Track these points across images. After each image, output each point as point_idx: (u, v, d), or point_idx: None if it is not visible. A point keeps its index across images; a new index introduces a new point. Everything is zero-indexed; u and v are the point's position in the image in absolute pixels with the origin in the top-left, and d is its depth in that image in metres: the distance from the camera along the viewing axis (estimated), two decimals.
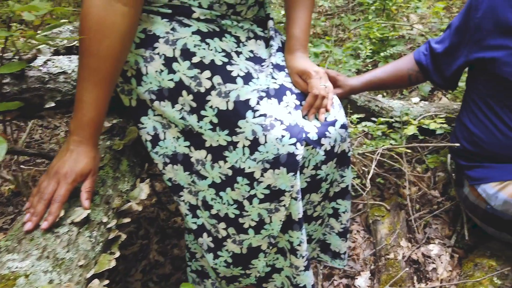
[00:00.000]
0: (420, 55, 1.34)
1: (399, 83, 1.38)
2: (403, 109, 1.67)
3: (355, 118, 1.37)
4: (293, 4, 1.00)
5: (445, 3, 1.94)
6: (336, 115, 0.96)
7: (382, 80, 1.35)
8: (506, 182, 1.13)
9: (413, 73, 1.34)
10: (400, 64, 1.37)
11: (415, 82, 1.38)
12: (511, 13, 1.12)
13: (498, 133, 1.16)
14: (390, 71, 1.36)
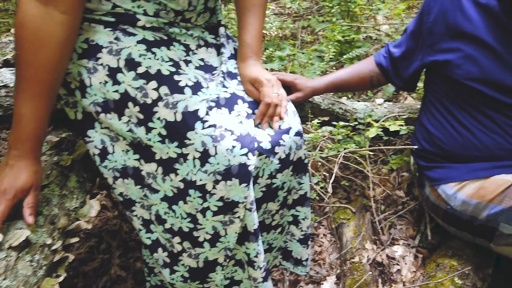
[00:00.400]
0: (381, 57, 1.35)
1: (361, 84, 1.38)
2: (367, 111, 1.67)
3: (316, 123, 1.35)
4: (244, 11, 0.98)
5: (407, 4, 1.97)
6: (290, 122, 0.95)
7: (344, 82, 1.36)
8: (464, 182, 1.15)
9: (374, 75, 1.35)
10: (362, 66, 1.38)
11: (377, 84, 1.39)
12: (460, 17, 1.13)
13: (455, 133, 1.17)
14: (352, 73, 1.37)
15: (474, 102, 1.13)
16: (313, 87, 1.29)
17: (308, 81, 1.31)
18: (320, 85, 1.31)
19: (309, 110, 1.50)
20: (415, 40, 1.25)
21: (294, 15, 3.35)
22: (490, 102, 1.11)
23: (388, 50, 1.33)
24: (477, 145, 1.13)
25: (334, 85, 1.34)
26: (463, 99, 1.15)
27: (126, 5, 0.87)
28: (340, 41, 2.06)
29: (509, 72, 1.08)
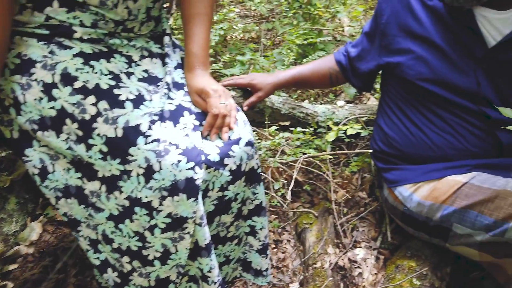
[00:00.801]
0: (340, 56, 1.36)
1: (321, 81, 1.39)
2: (328, 114, 1.67)
3: (273, 130, 1.34)
4: (189, 20, 0.95)
5: (364, 6, 1.99)
6: (240, 132, 0.93)
7: (305, 77, 1.37)
8: (419, 184, 1.16)
9: (333, 72, 1.36)
10: (323, 63, 1.39)
11: (336, 82, 1.40)
12: (411, 18, 1.15)
13: (409, 134, 1.18)
14: (312, 69, 1.38)
15: (426, 103, 1.15)
16: (273, 83, 1.30)
17: (268, 77, 1.32)
18: (280, 79, 1.33)
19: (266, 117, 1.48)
20: (371, 41, 1.27)
21: (259, 18, 3.34)
22: (442, 102, 1.12)
23: (347, 48, 1.34)
24: (430, 145, 1.15)
25: (294, 80, 1.35)
26: (416, 100, 1.17)
27: (61, 17, 0.83)
28: (302, 44, 2.06)
29: (458, 72, 1.10)
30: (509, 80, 1.07)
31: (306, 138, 1.52)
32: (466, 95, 1.10)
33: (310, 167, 1.55)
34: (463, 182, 1.07)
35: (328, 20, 2.02)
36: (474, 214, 1.02)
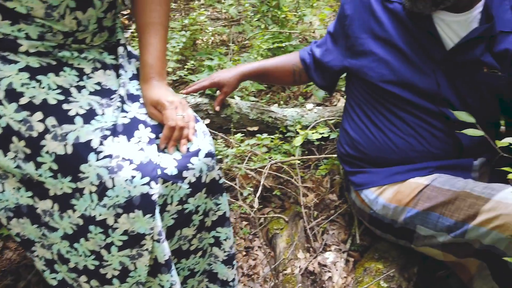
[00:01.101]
0: (305, 54, 1.37)
1: (284, 77, 1.40)
2: (296, 118, 1.67)
3: (239, 137, 1.33)
4: (143, 30, 0.93)
5: (331, 9, 2.00)
6: (200, 144, 0.91)
7: (269, 71, 1.39)
8: (384, 187, 1.17)
9: (297, 69, 1.38)
10: (287, 59, 1.41)
11: (299, 80, 1.41)
12: (373, 21, 1.16)
13: (372, 137, 1.19)
14: (277, 63, 1.40)
15: (389, 105, 1.16)
16: (236, 76, 1.35)
17: (230, 71, 1.36)
18: (243, 71, 1.37)
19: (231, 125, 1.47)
20: (335, 42, 1.28)
21: (230, 20, 3.32)
22: (403, 104, 1.14)
23: (312, 48, 1.36)
24: (393, 148, 1.16)
25: (257, 73, 1.38)
26: (379, 102, 1.18)
27: (4, 30, 0.79)
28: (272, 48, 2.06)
29: (418, 73, 1.11)
30: (467, 81, 1.09)
31: (275, 143, 1.51)
32: (427, 96, 1.11)
33: (279, 172, 1.55)
34: (425, 184, 1.08)
35: (297, 23, 2.02)
36: (436, 216, 1.03)
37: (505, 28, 1.06)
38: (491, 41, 1.06)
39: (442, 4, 1.05)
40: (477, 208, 0.95)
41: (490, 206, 0.93)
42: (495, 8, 1.06)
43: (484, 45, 1.06)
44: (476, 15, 1.08)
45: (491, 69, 1.06)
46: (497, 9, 1.06)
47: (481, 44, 1.06)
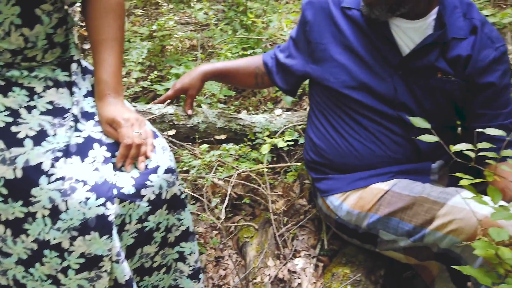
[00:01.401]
0: (268, 57, 1.38)
1: (246, 79, 1.42)
2: (264, 124, 1.68)
3: (204, 148, 1.33)
4: (97, 46, 0.91)
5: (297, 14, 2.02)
6: (159, 160, 0.90)
7: (230, 72, 1.41)
8: (347, 193, 1.19)
9: (259, 73, 1.39)
10: (250, 62, 1.42)
11: (261, 83, 1.42)
12: (332, 27, 1.18)
13: (335, 143, 1.21)
14: (240, 65, 1.42)
15: (349, 111, 1.18)
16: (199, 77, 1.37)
17: (190, 74, 1.39)
18: (206, 71, 1.39)
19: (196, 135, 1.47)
20: (296, 48, 1.29)
21: (201, 25, 3.30)
22: (363, 109, 1.16)
23: (275, 52, 1.37)
24: (355, 154, 1.18)
25: (220, 73, 1.40)
26: (340, 108, 1.20)
27: None
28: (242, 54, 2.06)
29: (376, 78, 1.14)
30: (423, 86, 1.12)
31: (243, 151, 1.51)
32: (385, 101, 1.14)
33: (248, 179, 1.55)
34: (385, 190, 1.11)
35: (265, 28, 2.03)
36: (396, 221, 1.06)
37: (457, 34, 1.09)
38: (445, 47, 1.09)
39: (397, 11, 1.08)
40: (433, 213, 0.98)
41: (445, 211, 0.96)
42: (447, 16, 1.09)
43: (438, 51, 1.10)
44: (430, 22, 1.11)
45: (445, 74, 1.10)
46: (449, 17, 1.09)
47: (435, 50, 1.09)
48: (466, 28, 1.09)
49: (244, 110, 2.23)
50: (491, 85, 1.08)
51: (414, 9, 1.09)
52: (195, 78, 1.38)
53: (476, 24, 1.09)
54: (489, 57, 1.07)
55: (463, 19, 1.10)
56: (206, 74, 1.39)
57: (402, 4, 1.06)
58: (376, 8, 1.07)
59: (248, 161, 1.58)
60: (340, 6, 1.18)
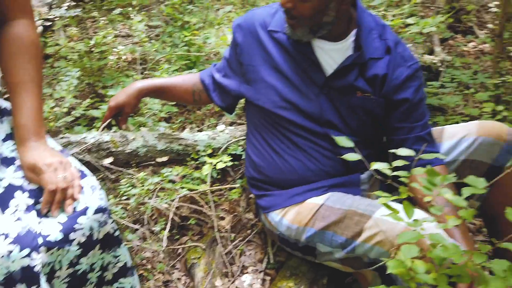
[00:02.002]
0: (205, 75, 1.40)
1: (184, 96, 1.43)
2: (207, 142, 1.69)
3: (142, 176, 1.32)
4: (14, 90, 0.88)
5: None
6: (87, 201, 0.89)
7: (169, 88, 1.41)
8: (286, 209, 1.23)
9: (197, 90, 1.41)
10: (188, 79, 1.44)
11: (199, 99, 1.44)
12: (260, 49, 1.22)
13: (272, 160, 1.25)
14: (177, 82, 1.43)
15: (282, 129, 1.22)
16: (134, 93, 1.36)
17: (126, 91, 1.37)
18: (142, 87, 1.37)
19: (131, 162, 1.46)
20: (230, 68, 1.32)
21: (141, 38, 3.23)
22: (294, 127, 1.20)
23: (212, 70, 1.39)
24: (290, 169, 1.22)
25: (157, 89, 1.40)
26: (273, 127, 1.24)
27: None
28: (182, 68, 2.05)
29: (304, 98, 1.19)
30: (346, 104, 1.19)
31: (185, 172, 1.52)
32: (313, 119, 1.19)
33: (193, 200, 1.55)
34: (319, 204, 1.16)
35: (205, 43, 2.04)
36: (330, 234, 1.11)
37: (374, 54, 1.16)
38: (363, 67, 1.16)
39: (318, 32, 1.13)
40: (362, 226, 1.04)
41: (372, 223, 1.02)
42: (364, 37, 1.16)
43: (357, 71, 1.16)
44: (350, 43, 1.17)
45: (364, 93, 1.17)
46: (366, 38, 1.16)
47: (354, 70, 1.16)
48: (382, 48, 1.16)
49: (189, 125, 2.23)
50: (406, 100, 1.16)
51: (333, 31, 1.15)
52: (130, 95, 1.36)
53: (390, 44, 1.16)
54: (403, 75, 1.15)
55: (379, 40, 1.17)
56: (142, 91, 1.38)
57: (322, 26, 1.11)
58: (298, 30, 1.12)
59: (192, 181, 1.58)
60: (267, 29, 1.22)
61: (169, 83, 1.42)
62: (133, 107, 1.39)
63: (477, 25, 3.39)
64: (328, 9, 1.08)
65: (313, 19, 1.09)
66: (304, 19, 1.09)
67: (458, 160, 1.24)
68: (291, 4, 1.08)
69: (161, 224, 1.40)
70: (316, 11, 1.08)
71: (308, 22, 1.10)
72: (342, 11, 1.12)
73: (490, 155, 1.21)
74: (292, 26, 1.13)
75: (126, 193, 1.29)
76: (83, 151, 1.26)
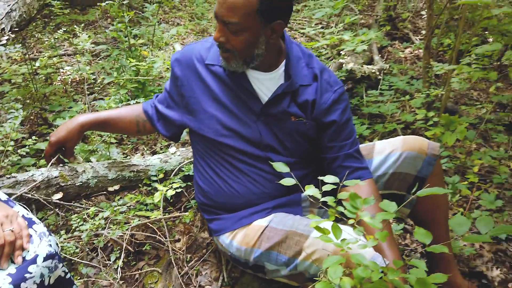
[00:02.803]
0: (148, 106, 1.45)
1: (128, 127, 1.47)
2: (159, 166, 1.74)
3: (92, 211, 1.35)
4: None
5: None
6: (37, 249, 0.92)
7: (112, 120, 1.44)
8: (235, 231, 1.31)
9: (140, 120, 1.46)
10: (131, 110, 1.48)
11: (143, 130, 1.49)
12: (199, 82, 1.29)
13: (218, 186, 1.32)
14: (121, 114, 1.46)
15: (225, 156, 1.30)
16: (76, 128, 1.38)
17: (67, 125, 1.39)
18: (84, 122, 1.40)
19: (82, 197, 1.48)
20: (172, 100, 1.38)
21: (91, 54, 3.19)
22: (236, 153, 1.28)
23: (154, 101, 1.44)
24: (236, 193, 1.30)
25: (99, 123, 1.43)
26: (217, 154, 1.31)
27: None
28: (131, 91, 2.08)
29: (243, 125, 1.27)
30: (282, 129, 1.28)
31: (137, 199, 1.56)
32: (253, 144, 1.28)
33: (147, 226, 1.60)
34: (264, 226, 1.25)
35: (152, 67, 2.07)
36: (275, 254, 1.20)
37: (303, 82, 1.27)
38: (295, 94, 1.26)
39: (251, 64, 1.22)
40: (301, 245, 1.14)
41: (309, 243, 1.12)
42: (294, 67, 1.26)
43: (289, 98, 1.26)
44: (281, 73, 1.27)
45: (297, 118, 1.27)
46: (295, 67, 1.27)
47: (287, 97, 1.26)
48: (310, 76, 1.27)
49: (142, 145, 2.26)
50: (334, 122, 1.28)
51: (265, 62, 1.24)
52: (72, 130, 1.38)
53: (317, 72, 1.27)
54: (330, 99, 1.27)
55: (307, 68, 1.28)
56: (85, 126, 1.40)
57: (254, 58, 1.20)
58: (232, 62, 1.20)
59: (146, 207, 1.63)
60: (204, 63, 1.29)
61: (112, 115, 1.45)
62: (76, 141, 1.41)
63: (413, 32, 3.64)
64: (258, 42, 1.17)
65: (245, 51, 1.18)
66: (237, 52, 1.17)
67: (388, 173, 1.37)
68: (223, 39, 1.16)
69: (116, 253, 1.44)
70: (247, 44, 1.16)
71: (241, 55, 1.18)
72: (271, 44, 1.21)
73: (414, 167, 1.35)
74: (226, 59, 1.21)
75: (78, 228, 1.31)
76: (32, 189, 1.27)
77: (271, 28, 1.16)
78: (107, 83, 2.14)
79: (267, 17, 1.13)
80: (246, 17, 1.11)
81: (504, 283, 1.56)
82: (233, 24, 1.12)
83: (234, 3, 1.09)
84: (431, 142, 1.38)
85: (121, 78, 1.95)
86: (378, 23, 3.66)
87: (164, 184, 1.57)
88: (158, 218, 1.50)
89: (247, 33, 1.14)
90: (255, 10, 1.10)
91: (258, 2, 1.10)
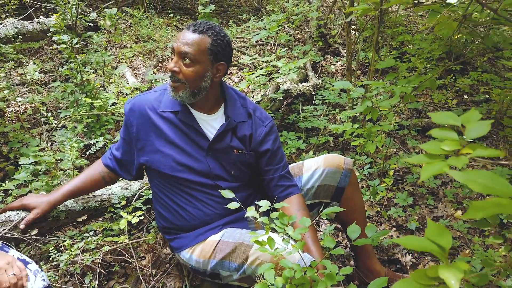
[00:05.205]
0: (107, 159, 1.65)
1: (96, 185, 1.68)
2: (120, 194, 1.95)
3: (68, 243, 1.55)
4: None
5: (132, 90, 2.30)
6: (33, 285, 1.12)
7: (80, 188, 1.64)
8: (193, 247, 1.57)
9: (105, 174, 1.67)
10: (92, 171, 1.67)
11: (110, 181, 1.70)
12: (153, 127, 1.52)
13: (176, 212, 1.57)
14: (85, 178, 1.66)
15: (180, 186, 1.55)
16: (48, 201, 1.57)
17: (41, 197, 1.57)
18: (55, 197, 1.59)
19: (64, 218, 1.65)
20: (128, 145, 1.60)
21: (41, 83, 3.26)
22: (190, 184, 1.54)
23: (112, 152, 1.64)
24: (192, 217, 1.56)
25: (70, 193, 1.63)
26: (174, 186, 1.56)
27: None
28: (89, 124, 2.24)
29: (195, 160, 1.53)
30: (228, 160, 1.55)
31: (105, 226, 1.76)
32: (204, 175, 1.54)
33: (115, 249, 1.81)
34: (217, 240, 1.52)
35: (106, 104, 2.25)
36: (227, 262, 1.48)
37: (240, 119, 1.55)
38: (234, 130, 1.55)
39: (197, 96, 1.47)
40: (247, 254, 1.42)
41: (253, 251, 1.41)
42: (231, 107, 1.54)
43: (231, 134, 1.54)
44: (222, 114, 1.55)
45: (239, 150, 1.55)
46: (233, 107, 1.55)
47: (228, 134, 1.54)
48: (245, 114, 1.56)
49: None
50: (268, 150, 1.58)
51: (208, 105, 1.51)
52: (44, 202, 1.58)
53: (250, 111, 1.57)
54: (263, 132, 1.57)
55: (242, 108, 1.57)
56: (55, 204, 1.61)
57: (200, 90, 1.46)
58: (181, 92, 1.45)
59: (112, 232, 1.83)
60: (156, 111, 1.53)
61: (77, 184, 1.63)
62: (45, 212, 1.59)
63: (342, 46, 4.07)
64: (206, 76, 1.44)
65: (194, 82, 1.43)
66: (187, 82, 1.42)
67: (315, 186, 1.69)
68: (177, 69, 1.41)
69: (89, 276, 1.64)
70: (197, 75, 1.42)
71: (190, 85, 1.43)
72: (214, 82, 1.48)
73: (335, 180, 1.69)
74: (176, 89, 1.45)
75: (55, 259, 1.50)
76: (10, 229, 1.45)
77: (216, 68, 1.44)
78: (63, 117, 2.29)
79: (215, 57, 1.42)
80: (199, 52, 1.39)
81: (414, 266, 1.95)
82: (188, 54, 1.37)
83: (192, 40, 1.38)
84: (347, 159, 1.72)
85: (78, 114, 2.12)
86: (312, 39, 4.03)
87: (127, 210, 1.78)
88: (126, 243, 1.72)
89: (198, 66, 1.40)
90: (207, 48, 1.39)
91: (210, 43, 1.40)
